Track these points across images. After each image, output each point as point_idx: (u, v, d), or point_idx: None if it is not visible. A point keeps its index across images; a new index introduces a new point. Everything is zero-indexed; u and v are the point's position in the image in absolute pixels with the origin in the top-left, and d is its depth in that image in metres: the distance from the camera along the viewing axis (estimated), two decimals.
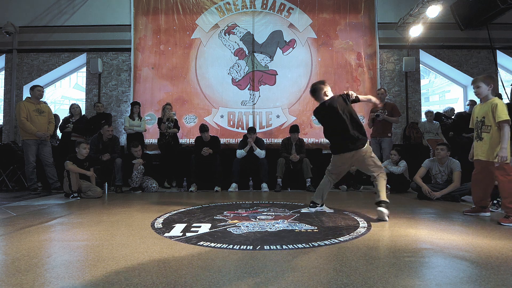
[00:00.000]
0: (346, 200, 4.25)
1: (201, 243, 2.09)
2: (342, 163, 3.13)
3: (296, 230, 2.44)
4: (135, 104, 5.99)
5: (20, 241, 2.14)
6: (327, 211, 3.27)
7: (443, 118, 6.22)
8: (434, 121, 6.12)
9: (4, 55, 6.94)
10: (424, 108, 6.95)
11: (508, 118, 2.79)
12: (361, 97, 3.10)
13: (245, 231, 2.41)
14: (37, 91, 4.95)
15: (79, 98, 7.55)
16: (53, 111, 5.70)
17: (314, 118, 6.71)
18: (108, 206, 3.72)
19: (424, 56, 7.07)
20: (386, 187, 4.75)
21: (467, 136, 6.07)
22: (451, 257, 1.80)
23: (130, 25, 6.84)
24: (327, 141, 6.56)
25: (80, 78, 8.91)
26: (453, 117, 6.48)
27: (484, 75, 3.16)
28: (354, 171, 5.43)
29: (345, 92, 3.07)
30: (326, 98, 3.09)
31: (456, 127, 6.19)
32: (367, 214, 3.08)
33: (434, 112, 6.58)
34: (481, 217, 3.01)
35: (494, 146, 2.84)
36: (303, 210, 3.29)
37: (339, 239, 2.19)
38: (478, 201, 3.12)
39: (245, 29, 6.88)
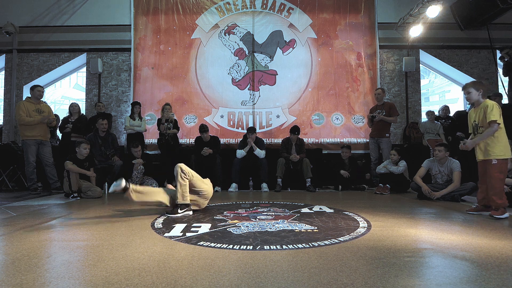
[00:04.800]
0: (346, 200, 4.26)
1: (201, 243, 2.09)
2: None
3: (296, 230, 2.44)
4: (135, 104, 5.99)
5: (20, 241, 2.14)
6: (327, 211, 3.27)
7: (441, 121, 6.20)
8: (436, 121, 6.10)
9: (4, 55, 6.94)
10: (424, 108, 6.95)
11: (496, 118, 2.94)
12: None
13: (245, 231, 2.41)
14: (37, 91, 4.95)
15: (79, 98, 7.55)
16: (53, 111, 5.70)
17: (314, 118, 6.77)
18: (108, 206, 3.72)
19: (424, 56, 7.07)
20: (386, 187, 4.83)
21: (461, 136, 6.05)
22: (451, 257, 1.80)
23: (130, 25, 6.84)
24: (327, 141, 6.68)
25: (80, 78, 8.90)
26: (449, 115, 6.46)
27: (473, 81, 3.34)
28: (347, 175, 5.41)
29: None
30: None
31: (455, 128, 6.18)
32: (367, 214, 3.08)
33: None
34: (483, 217, 3.00)
35: (487, 145, 3.03)
36: None
37: (339, 239, 2.19)
38: (481, 199, 3.19)
39: (245, 29, 6.88)
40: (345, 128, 6.73)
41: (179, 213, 3.02)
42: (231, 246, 2.01)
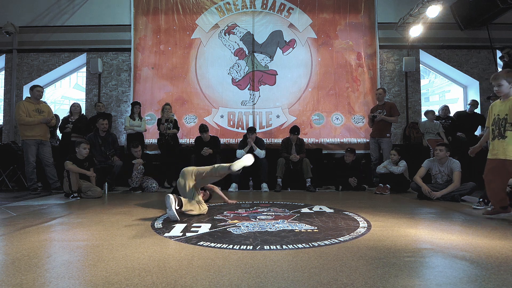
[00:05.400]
0: (346, 200, 4.25)
1: (201, 243, 2.09)
2: None
3: (296, 230, 2.44)
4: (135, 104, 6.00)
5: (20, 241, 2.14)
6: (327, 211, 3.27)
7: (441, 122, 6.18)
8: (435, 121, 6.10)
9: (4, 55, 6.94)
10: (424, 108, 6.94)
11: None
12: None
13: (245, 231, 2.41)
14: (37, 91, 4.94)
15: (79, 98, 7.55)
16: (53, 111, 5.70)
17: (314, 118, 6.76)
18: (108, 206, 3.72)
19: (424, 56, 7.07)
20: (386, 187, 4.82)
21: (461, 136, 6.05)
22: (451, 257, 1.80)
23: (130, 25, 6.84)
24: (327, 141, 6.68)
25: (80, 78, 8.89)
26: (449, 115, 6.45)
27: (505, 71, 2.93)
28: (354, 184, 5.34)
29: None
30: None
31: (455, 128, 6.17)
32: (367, 214, 3.08)
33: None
34: (483, 217, 2.99)
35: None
36: None
37: (339, 239, 2.19)
38: (498, 201, 2.92)
39: (245, 29, 6.88)
40: (345, 128, 6.73)
41: None
42: (231, 246, 2.01)
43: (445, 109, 6.43)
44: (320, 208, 3.43)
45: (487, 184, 2.97)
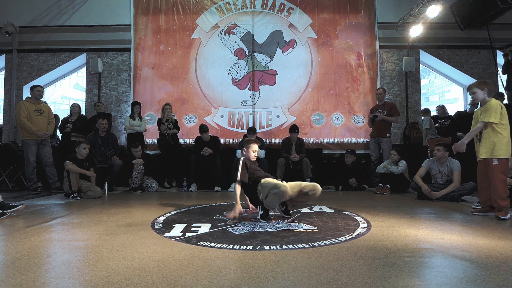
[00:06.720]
0: (346, 200, 4.25)
1: (201, 243, 2.09)
2: None
3: (296, 230, 2.44)
4: (135, 104, 6.00)
5: (20, 241, 2.14)
6: (327, 211, 3.27)
7: (439, 121, 6.17)
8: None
9: (4, 55, 6.94)
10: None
11: (490, 121, 2.95)
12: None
13: (245, 231, 2.41)
14: (37, 91, 4.95)
15: (79, 98, 7.56)
16: (53, 111, 5.70)
17: (314, 118, 6.76)
18: (108, 206, 3.72)
19: (424, 56, 7.07)
20: (386, 187, 4.82)
21: (461, 136, 6.03)
22: (451, 257, 1.80)
23: (130, 25, 6.84)
24: (327, 141, 6.68)
25: (80, 78, 8.91)
26: (448, 114, 6.43)
27: (478, 81, 3.33)
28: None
29: None
30: None
31: (455, 128, 6.16)
32: (367, 214, 3.08)
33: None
34: (482, 217, 3.00)
35: (490, 145, 2.99)
36: None
37: (339, 239, 2.19)
38: (485, 200, 3.12)
39: (245, 29, 6.88)
40: (345, 128, 6.73)
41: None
42: (231, 246, 2.01)
43: (442, 108, 6.37)
44: (320, 208, 3.42)
45: (479, 184, 3.23)
